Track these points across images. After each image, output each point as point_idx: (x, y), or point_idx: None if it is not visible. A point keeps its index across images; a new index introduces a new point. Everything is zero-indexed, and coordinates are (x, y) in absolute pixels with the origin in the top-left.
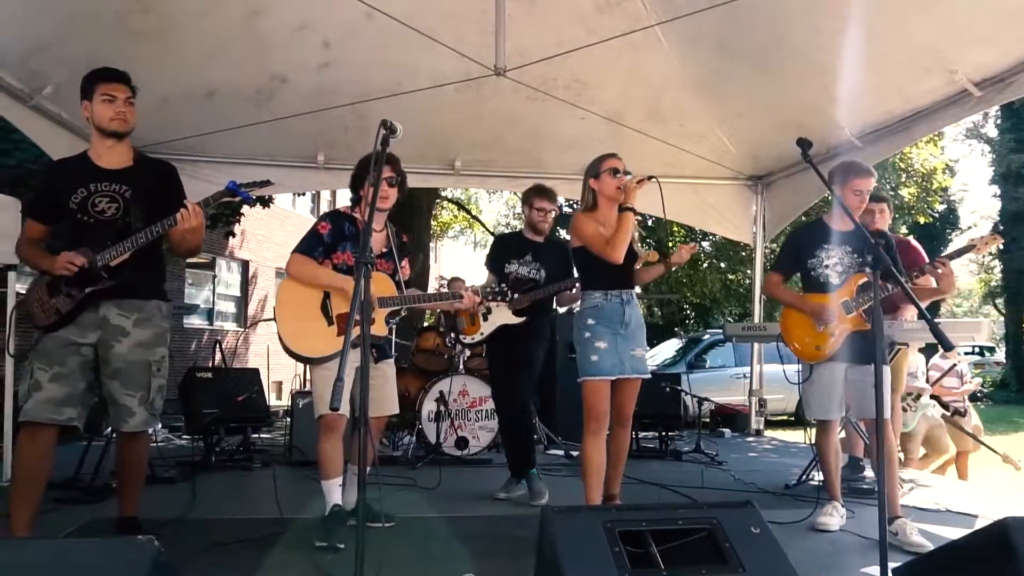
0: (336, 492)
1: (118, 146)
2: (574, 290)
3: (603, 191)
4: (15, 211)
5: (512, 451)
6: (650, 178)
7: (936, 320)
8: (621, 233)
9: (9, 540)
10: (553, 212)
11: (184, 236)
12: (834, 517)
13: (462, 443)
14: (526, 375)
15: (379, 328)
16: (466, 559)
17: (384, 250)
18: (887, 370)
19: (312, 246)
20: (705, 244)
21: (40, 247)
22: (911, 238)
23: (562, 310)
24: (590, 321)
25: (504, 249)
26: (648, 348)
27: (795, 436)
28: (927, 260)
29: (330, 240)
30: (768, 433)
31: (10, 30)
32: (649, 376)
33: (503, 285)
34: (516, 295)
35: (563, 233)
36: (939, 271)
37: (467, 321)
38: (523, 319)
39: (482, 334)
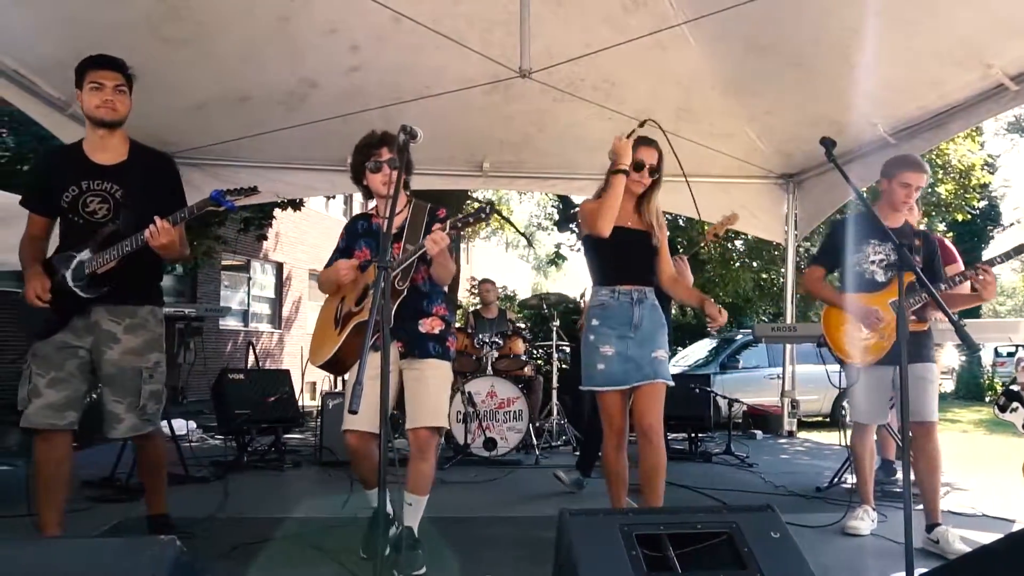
0: (375, 498)
1: (110, 137)
2: None
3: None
4: None
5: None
6: (643, 124)
7: (978, 319)
8: (607, 199)
9: (33, 540)
10: None
11: (158, 250)
12: (865, 521)
13: (490, 444)
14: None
15: (363, 314)
16: (486, 561)
17: (394, 232)
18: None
19: (332, 258)
20: (737, 243)
21: (38, 249)
22: (945, 237)
23: None
24: (594, 322)
25: None
26: (682, 347)
27: (829, 438)
28: (957, 259)
29: (344, 244)
30: (802, 435)
31: (48, 40)
32: (671, 383)
33: (484, 206)
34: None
35: None
36: (981, 277)
37: None
38: None
39: None
